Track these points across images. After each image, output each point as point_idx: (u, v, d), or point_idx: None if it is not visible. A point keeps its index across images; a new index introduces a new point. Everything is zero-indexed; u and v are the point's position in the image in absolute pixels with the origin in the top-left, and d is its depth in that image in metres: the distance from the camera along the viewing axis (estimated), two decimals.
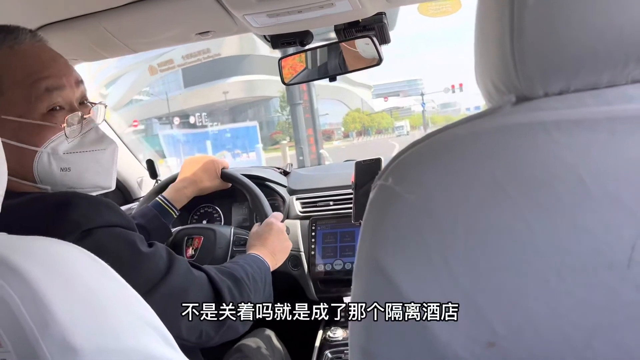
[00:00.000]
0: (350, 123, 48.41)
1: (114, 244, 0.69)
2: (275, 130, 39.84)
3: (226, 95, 37.40)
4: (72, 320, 0.42)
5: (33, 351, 0.40)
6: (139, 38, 1.04)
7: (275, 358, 1.23)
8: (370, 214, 0.41)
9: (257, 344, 1.23)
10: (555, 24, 0.34)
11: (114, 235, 0.69)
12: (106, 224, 0.68)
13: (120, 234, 0.70)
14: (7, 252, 0.42)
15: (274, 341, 1.29)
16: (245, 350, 1.18)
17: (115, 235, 0.70)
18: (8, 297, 0.40)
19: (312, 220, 1.44)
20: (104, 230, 0.67)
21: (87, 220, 0.66)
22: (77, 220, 0.64)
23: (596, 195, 0.32)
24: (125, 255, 0.69)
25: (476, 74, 0.43)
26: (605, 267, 0.32)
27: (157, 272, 0.73)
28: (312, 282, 1.41)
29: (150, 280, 0.72)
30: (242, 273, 0.90)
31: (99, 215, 0.68)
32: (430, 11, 1.31)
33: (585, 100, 0.34)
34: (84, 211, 0.66)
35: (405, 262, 0.37)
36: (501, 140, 0.35)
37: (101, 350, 0.43)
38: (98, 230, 0.67)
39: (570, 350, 0.34)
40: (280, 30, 1.04)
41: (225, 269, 0.89)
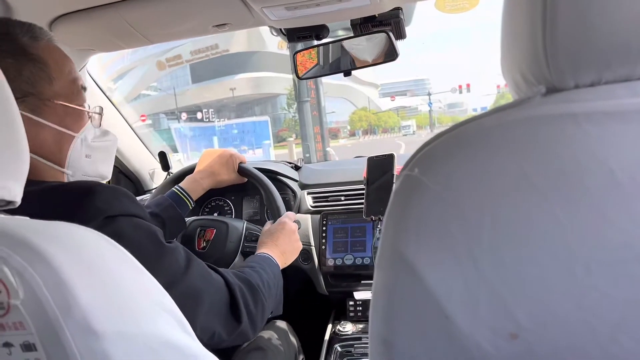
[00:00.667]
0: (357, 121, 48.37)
1: (136, 233, 0.69)
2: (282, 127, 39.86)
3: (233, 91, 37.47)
4: (94, 304, 0.42)
5: (55, 334, 0.40)
6: (157, 29, 1.05)
7: (290, 352, 1.23)
8: (395, 204, 0.40)
9: (272, 336, 1.23)
10: (588, 14, 0.33)
11: (135, 225, 0.70)
12: (127, 213, 0.69)
13: (141, 225, 0.71)
14: (31, 236, 0.43)
15: (289, 334, 1.30)
16: (260, 342, 1.19)
17: (137, 225, 0.70)
18: (32, 280, 0.40)
19: (323, 214, 1.44)
20: (125, 219, 0.68)
21: (110, 207, 0.66)
22: (100, 207, 0.65)
23: (626, 187, 0.32)
24: (146, 245, 0.70)
25: (502, 66, 0.43)
26: (634, 260, 0.32)
27: (178, 268, 0.74)
28: (322, 277, 1.42)
29: (169, 275, 0.72)
30: (257, 280, 0.90)
31: (120, 203, 0.69)
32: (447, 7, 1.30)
33: (617, 92, 0.34)
34: (107, 198, 0.67)
35: (429, 253, 0.37)
36: (530, 131, 0.35)
37: (121, 334, 0.43)
38: (120, 218, 0.68)
39: (595, 344, 0.34)
40: (297, 23, 1.04)
41: (242, 274, 0.89)
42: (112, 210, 0.67)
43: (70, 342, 0.40)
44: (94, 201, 0.65)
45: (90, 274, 0.44)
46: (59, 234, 0.45)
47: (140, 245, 0.69)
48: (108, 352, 0.42)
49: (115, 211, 0.67)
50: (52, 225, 0.46)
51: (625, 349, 0.33)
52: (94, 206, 0.65)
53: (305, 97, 8.78)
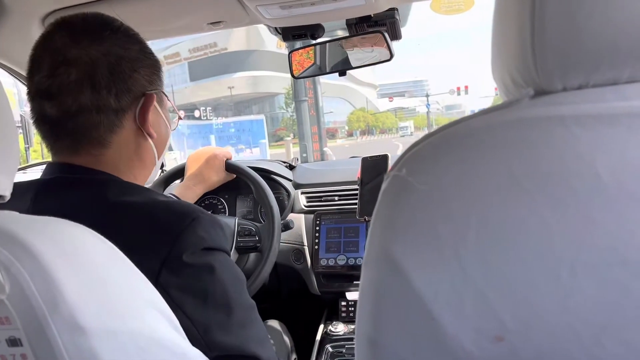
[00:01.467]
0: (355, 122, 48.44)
1: (227, 272, 0.66)
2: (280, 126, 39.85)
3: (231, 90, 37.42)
4: (81, 300, 0.42)
5: (42, 330, 0.40)
6: (151, 26, 1.04)
7: (282, 351, 1.23)
8: (383, 204, 0.40)
9: None
10: (576, 17, 0.33)
11: (227, 263, 0.67)
12: (223, 248, 0.67)
13: (231, 264, 0.68)
14: (19, 231, 0.42)
15: (283, 334, 1.30)
16: None
17: (227, 262, 0.67)
18: (19, 275, 0.40)
19: (316, 214, 1.44)
20: (220, 254, 0.66)
21: (210, 238, 0.64)
22: (202, 236, 0.63)
23: (612, 191, 0.32)
24: (228, 289, 0.65)
25: (493, 68, 0.43)
26: (619, 264, 0.32)
27: (239, 325, 0.67)
28: (314, 277, 1.42)
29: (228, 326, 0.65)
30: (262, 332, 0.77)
31: (218, 236, 0.66)
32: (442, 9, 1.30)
33: (605, 95, 0.34)
34: (208, 228, 0.65)
35: (416, 253, 0.37)
36: (518, 133, 0.35)
37: (108, 331, 0.43)
38: (216, 252, 0.65)
39: (579, 347, 0.34)
40: (292, 22, 1.04)
41: None
42: (212, 242, 0.64)
43: (56, 338, 0.40)
44: (196, 229, 0.63)
45: (78, 270, 0.43)
46: (47, 230, 0.45)
47: (225, 286, 0.65)
48: (95, 348, 0.42)
49: (214, 244, 0.65)
50: (41, 220, 0.46)
51: (609, 353, 0.33)
52: (196, 234, 0.63)
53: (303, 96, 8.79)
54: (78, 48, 0.66)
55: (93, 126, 0.68)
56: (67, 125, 0.67)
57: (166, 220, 0.63)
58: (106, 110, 0.68)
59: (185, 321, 0.59)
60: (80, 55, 0.66)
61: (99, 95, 0.67)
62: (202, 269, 0.63)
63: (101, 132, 0.68)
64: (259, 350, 0.66)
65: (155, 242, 0.61)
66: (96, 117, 0.67)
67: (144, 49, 0.74)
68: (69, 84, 0.66)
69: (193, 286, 0.62)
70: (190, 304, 0.61)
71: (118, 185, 0.68)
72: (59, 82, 0.66)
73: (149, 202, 0.66)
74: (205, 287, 0.62)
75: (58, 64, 0.66)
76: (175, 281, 0.60)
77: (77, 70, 0.66)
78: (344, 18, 1.05)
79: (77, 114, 0.67)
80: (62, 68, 0.66)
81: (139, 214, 0.64)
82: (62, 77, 0.65)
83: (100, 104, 0.67)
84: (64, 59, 0.66)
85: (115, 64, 0.68)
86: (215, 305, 0.63)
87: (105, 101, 0.67)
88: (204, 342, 0.61)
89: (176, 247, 0.61)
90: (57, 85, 0.66)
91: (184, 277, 0.61)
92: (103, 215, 0.63)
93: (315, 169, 1.66)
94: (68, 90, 0.66)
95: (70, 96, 0.66)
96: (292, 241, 1.47)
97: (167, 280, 0.59)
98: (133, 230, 0.62)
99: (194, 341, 0.58)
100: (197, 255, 0.62)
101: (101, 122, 0.68)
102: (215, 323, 0.62)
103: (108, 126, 0.68)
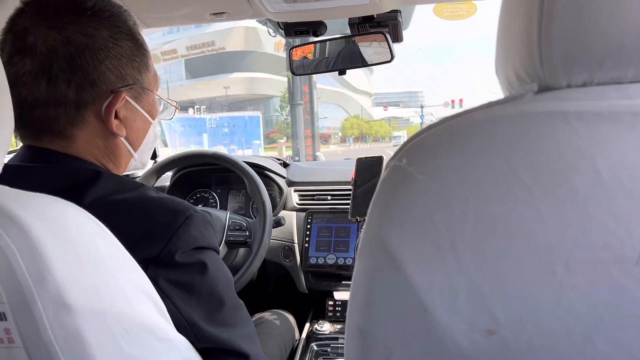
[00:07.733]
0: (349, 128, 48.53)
1: (217, 271, 0.66)
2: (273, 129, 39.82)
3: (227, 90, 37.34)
4: (69, 277, 0.41)
5: (27, 305, 0.39)
6: (153, 13, 1.04)
7: (288, 338, 1.27)
8: (381, 193, 0.40)
9: (275, 320, 1.29)
10: (584, 15, 0.34)
11: (217, 262, 0.67)
12: (213, 247, 0.67)
13: (220, 264, 0.68)
14: (8, 204, 0.42)
15: (292, 324, 1.34)
16: (265, 318, 1.25)
17: (217, 261, 0.67)
18: (6, 248, 0.39)
19: (308, 213, 1.44)
20: (211, 252, 0.66)
21: (202, 237, 0.64)
22: (195, 236, 0.63)
23: (611, 188, 0.32)
24: (219, 288, 0.66)
25: (497, 64, 0.43)
26: (614, 262, 0.32)
27: (231, 322, 0.67)
28: (303, 274, 1.42)
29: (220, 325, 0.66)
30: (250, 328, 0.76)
31: (209, 234, 0.66)
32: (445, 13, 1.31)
33: (608, 93, 0.34)
34: (200, 227, 0.64)
35: (412, 243, 0.37)
36: (520, 127, 0.35)
37: (95, 311, 0.43)
38: (207, 250, 0.65)
39: (570, 344, 0.34)
40: (295, 18, 1.04)
41: None
42: (204, 241, 0.64)
43: (41, 314, 0.40)
44: (190, 228, 0.62)
45: (67, 247, 0.43)
46: (37, 204, 0.44)
47: (215, 284, 0.65)
48: (80, 327, 0.41)
49: (206, 243, 0.64)
50: (31, 195, 0.45)
51: (600, 351, 0.33)
52: (189, 234, 0.62)
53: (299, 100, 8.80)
54: (36, 34, 0.61)
55: (51, 119, 0.63)
56: (26, 115, 0.63)
57: (159, 218, 0.62)
58: (65, 104, 0.63)
59: (173, 310, 0.59)
60: (37, 43, 0.61)
61: (56, 88, 0.62)
62: (193, 267, 0.62)
63: (61, 126, 0.64)
64: (247, 347, 0.66)
65: (147, 240, 0.60)
66: (53, 110, 0.63)
67: (118, 34, 0.66)
68: (23, 75, 0.62)
69: (182, 281, 0.61)
70: (178, 296, 0.60)
71: (107, 179, 0.65)
72: (14, 71, 0.62)
73: (141, 198, 0.64)
74: (194, 283, 0.62)
75: (14, 52, 0.62)
76: (164, 274, 0.59)
77: (31, 60, 0.61)
78: (347, 16, 1.06)
79: (33, 106, 0.63)
80: (17, 57, 0.62)
81: (131, 210, 0.62)
82: (17, 67, 0.62)
83: (57, 96, 0.62)
84: (21, 46, 0.62)
85: (76, 54, 0.62)
86: (204, 300, 0.63)
87: (62, 94, 0.63)
88: (192, 332, 0.61)
89: (169, 246, 0.60)
90: (13, 75, 0.61)
91: (174, 273, 0.61)
92: (94, 213, 0.62)
93: (309, 167, 1.66)
94: (22, 81, 0.62)
95: (25, 87, 0.62)
96: (282, 238, 1.47)
97: (156, 272, 0.58)
98: (124, 228, 0.58)
99: (182, 330, 0.58)
100: (189, 254, 0.62)
101: (59, 115, 0.63)
102: (203, 316, 0.62)
103: (68, 120, 0.64)
